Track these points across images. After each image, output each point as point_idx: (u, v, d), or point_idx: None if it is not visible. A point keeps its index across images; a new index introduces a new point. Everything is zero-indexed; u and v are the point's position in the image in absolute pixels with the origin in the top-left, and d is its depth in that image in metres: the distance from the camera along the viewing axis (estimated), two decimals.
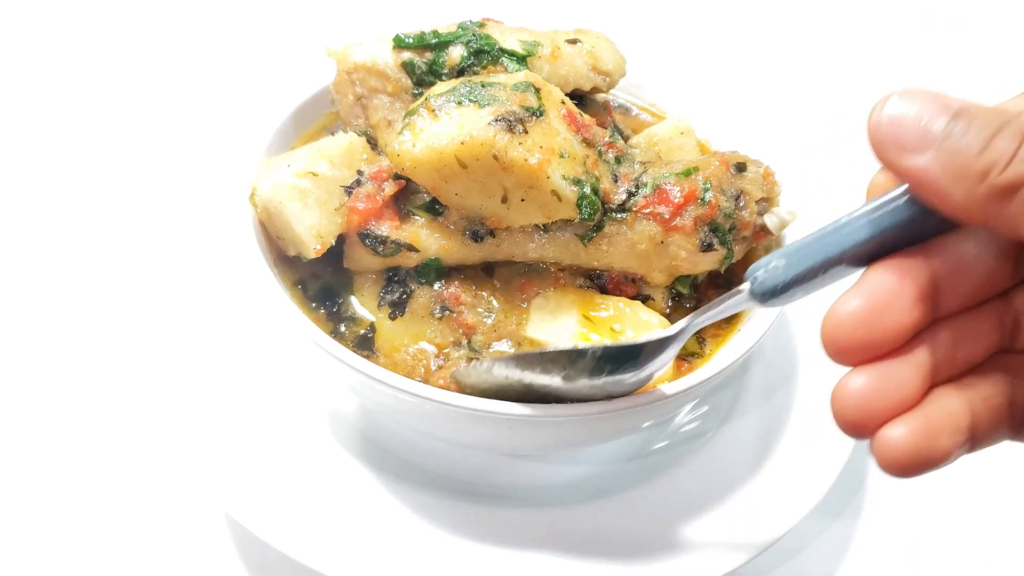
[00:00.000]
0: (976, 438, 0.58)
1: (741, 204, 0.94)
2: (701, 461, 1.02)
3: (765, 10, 2.09)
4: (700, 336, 0.98)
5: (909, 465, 0.55)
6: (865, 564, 1.04)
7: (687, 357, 0.96)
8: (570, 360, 0.77)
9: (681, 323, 0.75)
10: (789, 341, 1.16)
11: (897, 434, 0.55)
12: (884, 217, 0.58)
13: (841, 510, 1.08)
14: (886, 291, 0.57)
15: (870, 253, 0.59)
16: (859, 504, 1.09)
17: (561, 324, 0.93)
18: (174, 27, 1.82)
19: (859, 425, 0.57)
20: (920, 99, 0.54)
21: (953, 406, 0.57)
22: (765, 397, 1.10)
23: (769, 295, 0.64)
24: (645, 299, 0.97)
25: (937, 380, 0.58)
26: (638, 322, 0.92)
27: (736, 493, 0.98)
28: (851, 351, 0.57)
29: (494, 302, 0.95)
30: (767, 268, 0.63)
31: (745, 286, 0.65)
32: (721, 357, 0.90)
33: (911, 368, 0.57)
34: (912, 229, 0.58)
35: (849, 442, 1.03)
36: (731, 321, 1.00)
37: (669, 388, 0.84)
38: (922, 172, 0.53)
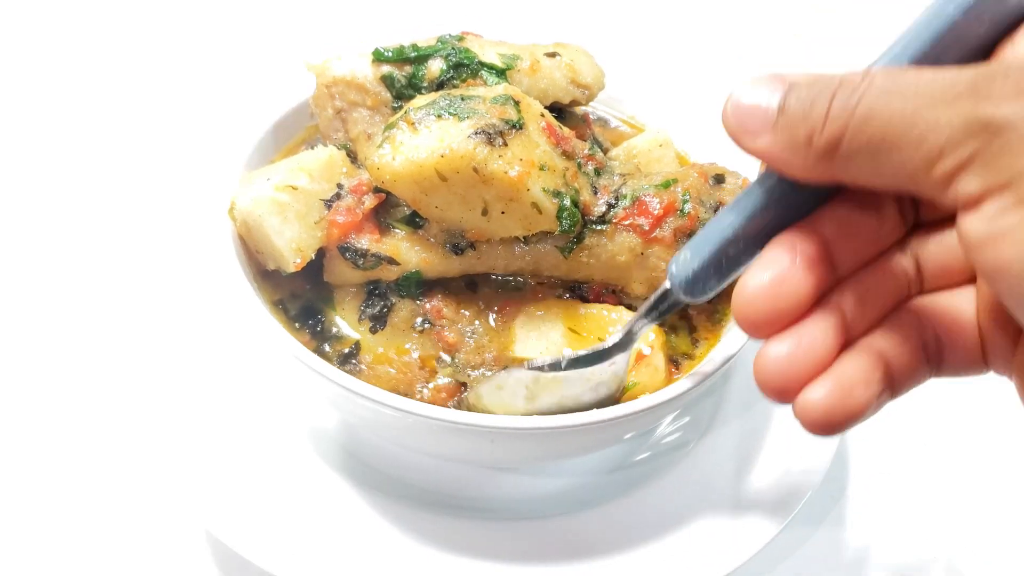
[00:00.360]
0: (894, 384, 0.61)
1: None
2: (683, 472, 1.03)
3: (742, 23, 2.11)
4: (695, 337, 0.98)
5: (830, 423, 0.58)
6: (848, 572, 1.04)
7: (678, 358, 0.96)
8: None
9: (619, 332, 0.80)
10: None
11: (814, 396, 0.58)
12: (764, 195, 0.62)
13: (823, 518, 1.09)
14: (781, 262, 0.59)
15: (764, 231, 0.62)
16: (841, 512, 1.10)
17: (547, 339, 0.93)
18: (155, 41, 1.82)
19: (781, 391, 0.59)
20: (762, 82, 0.59)
21: (864, 359, 0.59)
22: (746, 407, 1.10)
23: (688, 286, 0.66)
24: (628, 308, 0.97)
25: (851, 337, 0.61)
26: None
27: (718, 503, 0.98)
28: (761, 324, 0.60)
29: (477, 323, 0.95)
30: (677, 261, 0.66)
31: (666, 282, 0.69)
32: (702, 368, 0.90)
33: (820, 331, 0.59)
34: (793, 201, 0.62)
35: (830, 451, 1.03)
36: (712, 332, 1.01)
37: (648, 400, 0.84)
38: (766, 152, 0.58)
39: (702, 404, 1.11)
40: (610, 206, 0.93)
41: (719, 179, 0.97)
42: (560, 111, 1.05)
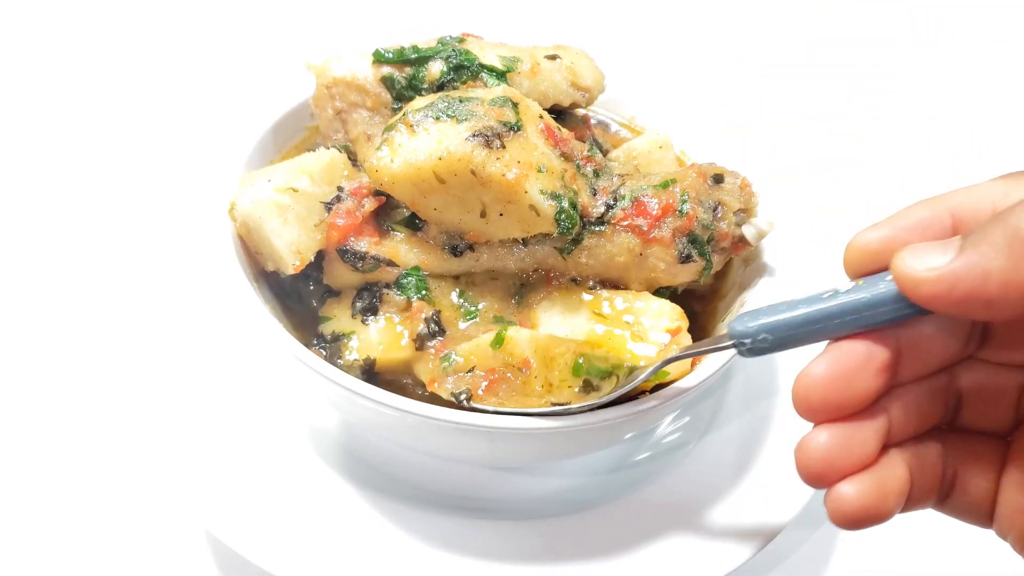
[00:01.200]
0: (910, 502, 0.64)
1: (719, 215, 0.95)
2: (683, 472, 1.03)
3: (742, 23, 2.11)
4: (695, 337, 0.98)
5: (858, 520, 0.61)
6: (846, 573, 1.05)
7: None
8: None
9: (655, 364, 0.81)
10: None
11: (851, 491, 0.61)
12: (869, 303, 0.62)
13: (823, 519, 1.08)
14: (855, 359, 0.62)
15: (848, 330, 0.64)
16: None
17: (572, 322, 0.92)
18: (155, 42, 1.82)
19: (819, 477, 0.62)
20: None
21: (900, 471, 0.63)
22: (746, 407, 1.11)
23: (753, 355, 0.69)
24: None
25: (888, 444, 0.64)
26: (650, 312, 0.92)
27: (718, 503, 0.98)
28: (818, 411, 0.63)
29: (481, 304, 0.95)
30: (755, 339, 0.67)
31: (730, 351, 0.72)
32: (702, 368, 0.90)
33: (870, 431, 0.63)
34: (891, 315, 0.62)
35: None
36: (711, 332, 1.01)
37: (649, 401, 0.84)
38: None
39: (702, 404, 1.11)
40: (608, 207, 0.93)
41: (718, 179, 0.97)
42: (560, 113, 1.05)
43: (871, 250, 0.64)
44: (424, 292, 0.93)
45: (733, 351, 0.71)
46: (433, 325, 0.91)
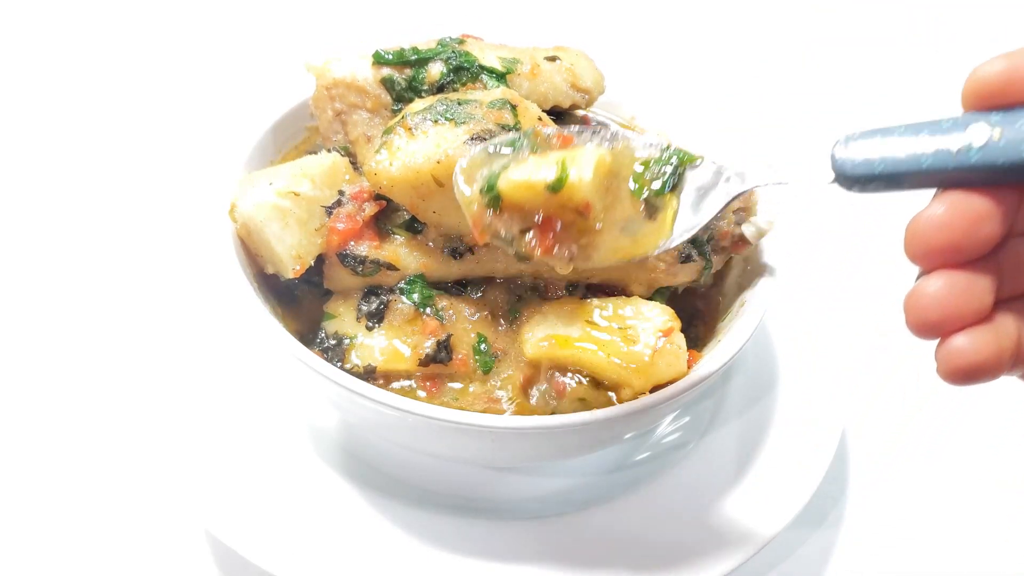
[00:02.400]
0: (1015, 365, 0.60)
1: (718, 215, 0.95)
2: (683, 472, 1.03)
3: (742, 23, 2.11)
4: (695, 337, 0.98)
5: (971, 374, 0.58)
6: (847, 573, 1.05)
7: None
8: None
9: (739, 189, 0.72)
10: (770, 351, 1.17)
11: (966, 344, 0.57)
12: (1014, 163, 0.56)
13: (823, 519, 1.09)
14: (980, 206, 0.57)
15: (978, 184, 0.58)
16: (840, 513, 1.10)
17: (565, 334, 0.92)
18: (156, 42, 1.82)
19: (933, 326, 0.58)
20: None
21: (1012, 328, 0.59)
22: (746, 407, 1.11)
23: (855, 192, 0.61)
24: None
25: (999, 299, 0.59)
26: (641, 315, 0.91)
27: (718, 503, 0.99)
28: (934, 253, 0.58)
29: (476, 315, 0.95)
30: (865, 185, 0.60)
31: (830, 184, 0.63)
32: (701, 368, 0.90)
33: (986, 281, 0.58)
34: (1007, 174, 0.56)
35: (830, 451, 1.03)
36: (711, 335, 1.01)
37: (649, 400, 0.84)
38: None
39: (702, 404, 1.11)
40: None
41: None
42: (560, 114, 1.05)
43: (991, 85, 0.57)
44: (431, 308, 0.92)
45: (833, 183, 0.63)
46: (443, 351, 0.90)
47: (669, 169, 0.77)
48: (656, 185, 0.77)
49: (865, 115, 1.83)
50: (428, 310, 0.92)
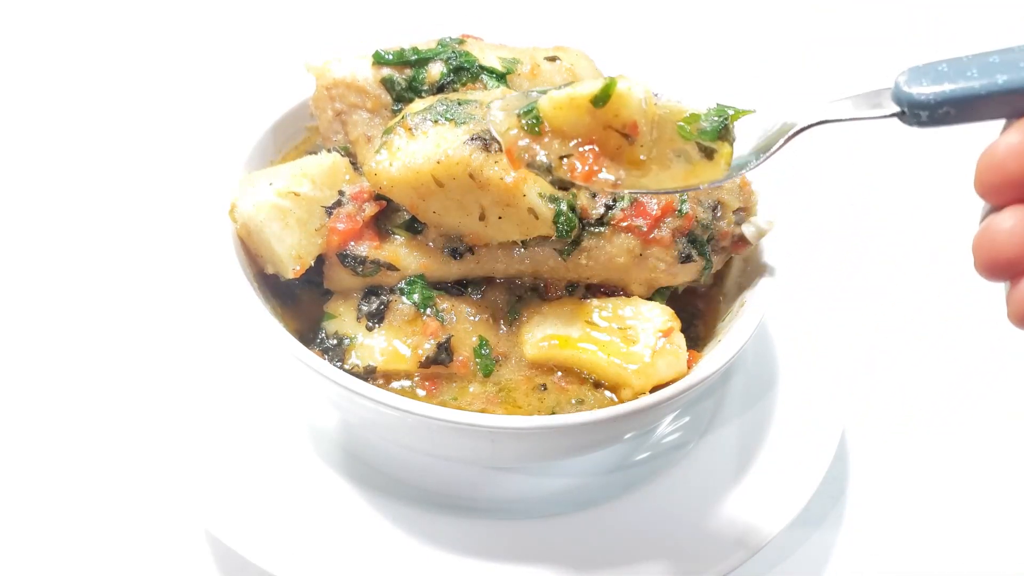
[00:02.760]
0: None
1: (718, 215, 0.95)
2: (683, 472, 1.03)
3: (742, 23, 2.11)
4: (695, 338, 0.98)
5: None
6: (847, 573, 1.05)
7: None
8: None
9: (795, 127, 0.69)
10: (770, 351, 1.17)
11: None
12: None
13: (823, 519, 1.09)
14: None
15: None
16: (840, 513, 1.10)
17: (566, 333, 0.93)
18: (156, 41, 1.82)
19: (1009, 264, 0.55)
20: None
21: None
22: (746, 407, 1.11)
23: (924, 127, 0.57)
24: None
25: None
26: (640, 316, 0.91)
27: (718, 503, 0.99)
28: (1008, 185, 0.55)
29: (477, 316, 0.95)
30: (934, 112, 0.56)
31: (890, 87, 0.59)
32: (701, 368, 0.90)
33: None
34: None
35: (830, 451, 1.03)
36: (711, 334, 1.01)
37: (649, 399, 0.84)
38: None
39: (702, 404, 1.11)
40: (608, 208, 0.93)
41: None
42: None
43: None
44: (432, 309, 0.92)
45: (895, 119, 0.59)
46: (444, 353, 0.90)
47: (717, 119, 0.75)
48: (706, 126, 0.74)
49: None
50: (428, 311, 0.92)
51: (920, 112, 0.57)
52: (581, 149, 0.73)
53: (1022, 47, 0.55)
